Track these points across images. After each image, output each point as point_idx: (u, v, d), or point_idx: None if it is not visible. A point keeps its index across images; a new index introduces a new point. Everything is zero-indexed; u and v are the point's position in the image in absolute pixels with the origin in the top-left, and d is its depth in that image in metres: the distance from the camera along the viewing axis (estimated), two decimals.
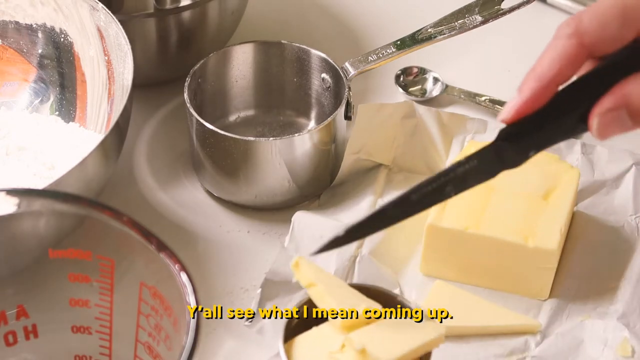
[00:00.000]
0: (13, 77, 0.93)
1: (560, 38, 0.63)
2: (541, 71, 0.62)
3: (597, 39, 0.62)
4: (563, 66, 0.62)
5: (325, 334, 0.70)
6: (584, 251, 0.84)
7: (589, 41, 0.62)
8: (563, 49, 0.62)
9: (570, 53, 0.62)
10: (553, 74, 0.62)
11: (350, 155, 0.89)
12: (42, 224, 0.67)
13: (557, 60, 0.62)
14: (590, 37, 0.62)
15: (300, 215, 0.85)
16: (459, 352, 0.78)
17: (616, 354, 0.77)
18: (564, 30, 0.63)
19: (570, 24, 0.63)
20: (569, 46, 0.62)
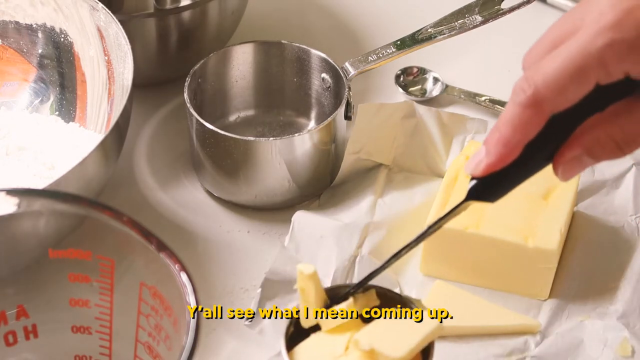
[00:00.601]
0: (13, 77, 0.93)
1: (519, 105, 0.63)
2: (506, 136, 0.64)
3: (556, 103, 0.63)
4: (526, 131, 0.64)
5: (327, 338, 0.70)
6: (584, 251, 0.84)
7: (548, 107, 0.63)
8: (524, 117, 0.64)
9: (531, 120, 0.64)
10: (518, 139, 0.64)
11: (350, 155, 0.89)
12: (42, 224, 0.67)
13: (519, 127, 0.64)
14: (549, 104, 0.63)
15: (300, 215, 0.85)
16: (459, 352, 0.78)
17: (616, 354, 0.77)
18: (521, 98, 0.63)
19: (526, 90, 0.63)
20: (529, 115, 0.63)
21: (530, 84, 0.63)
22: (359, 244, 0.84)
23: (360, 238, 0.84)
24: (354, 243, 0.84)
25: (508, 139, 0.64)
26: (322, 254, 0.83)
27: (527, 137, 0.64)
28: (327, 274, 0.82)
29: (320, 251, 0.83)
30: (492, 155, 0.65)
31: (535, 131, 0.64)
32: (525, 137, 0.64)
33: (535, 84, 0.63)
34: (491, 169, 0.66)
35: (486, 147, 0.66)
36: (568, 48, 0.62)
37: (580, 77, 0.62)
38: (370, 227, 0.85)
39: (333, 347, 0.69)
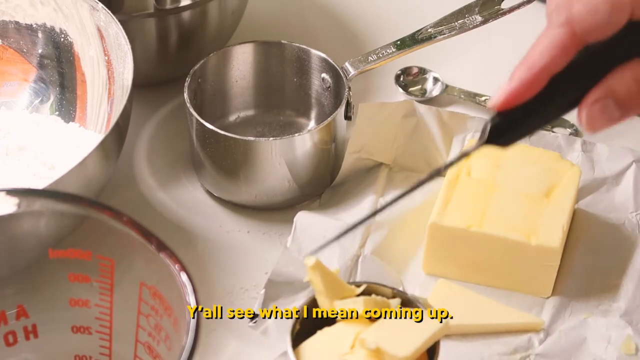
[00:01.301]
0: (13, 77, 0.93)
1: (551, 27, 0.62)
2: (532, 60, 0.62)
3: (588, 26, 0.62)
4: (554, 55, 0.62)
5: (333, 336, 0.70)
6: (585, 249, 0.84)
7: (580, 29, 0.62)
8: (554, 38, 0.62)
9: (561, 42, 0.62)
10: (544, 63, 0.62)
11: (351, 155, 0.89)
12: (42, 224, 0.67)
13: (548, 49, 0.62)
14: (581, 25, 0.61)
15: (302, 216, 0.85)
16: (462, 350, 0.78)
17: (620, 351, 0.77)
18: (555, 20, 0.62)
19: (560, 12, 0.62)
20: (560, 35, 0.62)
21: (565, 5, 0.62)
22: (361, 243, 0.84)
23: (363, 238, 0.84)
24: (356, 243, 0.84)
25: (535, 62, 0.62)
26: (325, 254, 0.83)
27: (555, 63, 0.62)
28: None
29: (322, 251, 0.83)
30: (516, 81, 0.63)
31: (564, 57, 0.62)
32: (553, 61, 0.62)
33: (571, 6, 0.61)
34: (513, 98, 0.63)
35: (511, 76, 0.63)
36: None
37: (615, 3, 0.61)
38: (372, 227, 0.85)
39: (339, 344, 0.69)
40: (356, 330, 0.69)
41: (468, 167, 0.85)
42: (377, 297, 0.71)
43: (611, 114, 0.63)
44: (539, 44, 0.63)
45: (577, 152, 0.89)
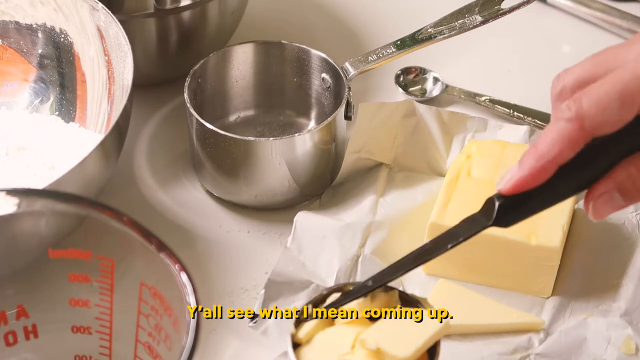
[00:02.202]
0: (13, 77, 0.93)
1: (560, 120, 0.65)
2: (542, 151, 0.65)
3: (598, 123, 0.64)
4: (564, 148, 0.65)
5: (334, 336, 0.70)
6: (585, 249, 0.84)
7: (590, 125, 0.64)
8: (564, 132, 0.65)
9: (570, 136, 0.65)
10: (554, 155, 0.65)
11: (351, 154, 0.89)
12: (42, 224, 0.67)
13: (558, 142, 0.65)
14: (591, 122, 0.64)
15: (302, 216, 0.85)
16: (462, 350, 0.78)
17: (620, 351, 0.77)
18: (565, 112, 0.65)
19: (571, 107, 0.65)
20: (569, 129, 0.65)
21: (576, 101, 0.64)
22: (361, 243, 0.84)
23: (363, 238, 0.84)
24: (356, 243, 0.84)
25: (544, 153, 0.65)
26: (325, 254, 0.83)
27: (563, 155, 0.65)
28: (330, 274, 0.82)
29: (322, 251, 0.83)
30: (525, 169, 0.66)
31: (572, 150, 0.65)
32: (561, 154, 0.65)
33: (581, 101, 0.64)
34: (521, 185, 0.66)
35: (520, 163, 0.66)
36: (616, 74, 0.64)
37: (625, 99, 0.64)
38: (372, 227, 0.85)
39: (339, 344, 0.69)
40: (356, 331, 0.69)
41: (468, 167, 0.85)
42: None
43: (616, 204, 0.67)
44: (549, 135, 0.65)
45: None
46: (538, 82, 0.98)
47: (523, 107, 0.96)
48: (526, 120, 0.95)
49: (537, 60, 1.03)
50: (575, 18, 1.07)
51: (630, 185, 0.66)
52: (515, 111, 0.96)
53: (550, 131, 0.65)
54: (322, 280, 0.81)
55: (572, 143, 0.65)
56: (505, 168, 0.83)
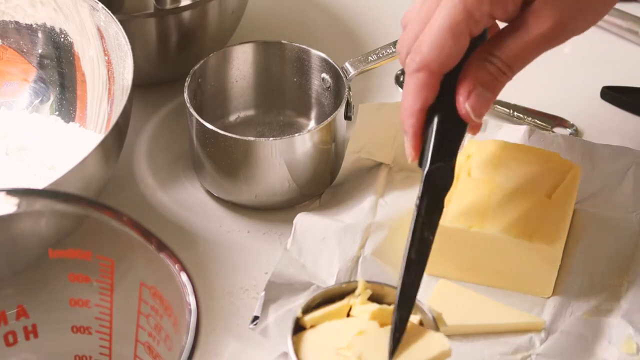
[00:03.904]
0: (13, 77, 0.93)
1: (411, 74, 0.72)
2: (410, 107, 0.73)
3: (442, 61, 0.71)
4: (424, 96, 0.72)
5: (333, 331, 0.70)
6: (586, 248, 0.84)
7: (436, 67, 0.71)
8: (418, 82, 0.72)
9: (424, 84, 0.72)
10: (420, 105, 0.72)
11: (351, 155, 0.89)
12: (42, 224, 0.67)
13: (417, 93, 0.72)
14: (436, 64, 0.71)
15: (302, 217, 0.85)
16: (463, 350, 0.78)
17: (621, 351, 0.77)
18: (412, 66, 0.72)
19: (414, 58, 0.72)
20: (422, 78, 0.72)
21: (417, 52, 0.71)
22: (361, 244, 0.84)
23: (363, 238, 0.84)
24: (356, 244, 0.84)
25: (411, 107, 0.72)
26: (325, 255, 0.83)
27: (428, 100, 0.72)
28: (330, 275, 0.82)
29: (322, 253, 0.83)
30: (409, 130, 0.73)
31: (433, 92, 0.72)
32: (426, 100, 0.72)
33: (421, 49, 0.71)
34: (417, 143, 0.73)
35: (403, 128, 0.73)
36: (438, 16, 0.71)
37: (456, 33, 0.70)
38: (372, 227, 0.85)
39: (338, 339, 0.69)
40: (360, 328, 0.69)
41: (468, 167, 0.84)
42: (386, 307, 0.71)
43: (486, 98, 0.73)
44: (408, 89, 0.72)
45: (577, 151, 0.89)
46: (538, 82, 0.98)
47: (523, 107, 0.96)
48: (526, 120, 0.95)
49: (536, 60, 1.02)
50: None
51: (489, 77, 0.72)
52: (515, 111, 0.96)
53: (408, 85, 0.72)
54: (322, 281, 0.81)
55: (429, 87, 0.72)
56: (506, 168, 0.83)
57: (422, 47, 0.71)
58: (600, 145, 0.90)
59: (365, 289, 0.72)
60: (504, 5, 0.71)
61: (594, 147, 0.90)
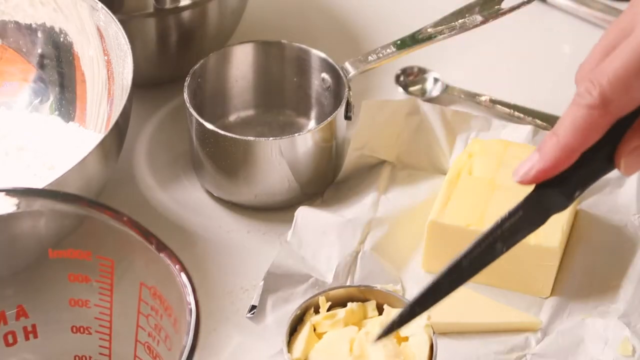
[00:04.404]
0: (13, 77, 0.93)
1: (582, 107, 0.61)
2: (566, 141, 0.61)
3: (624, 104, 0.61)
4: (589, 136, 0.61)
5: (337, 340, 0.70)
6: (586, 250, 0.84)
7: (615, 108, 0.61)
8: (588, 120, 0.61)
9: (596, 123, 0.61)
10: (579, 143, 0.61)
11: (354, 152, 0.89)
12: (42, 224, 0.67)
13: (581, 129, 0.61)
14: (616, 106, 0.61)
15: (303, 211, 0.85)
16: (459, 348, 0.78)
17: (617, 353, 0.77)
18: (586, 99, 0.61)
19: (591, 91, 0.61)
20: (595, 117, 0.61)
21: (596, 85, 0.60)
22: (361, 239, 0.84)
23: (363, 234, 0.84)
24: (356, 239, 0.84)
25: (567, 142, 0.61)
26: (325, 249, 0.83)
27: (589, 142, 0.61)
28: (329, 269, 0.82)
29: (322, 246, 0.83)
30: (547, 160, 0.62)
31: (599, 135, 0.61)
32: (587, 141, 0.61)
33: (601, 84, 0.60)
34: (544, 176, 0.62)
35: (540, 152, 0.62)
36: (628, 46, 0.60)
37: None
38: (373, 223, 0.85)
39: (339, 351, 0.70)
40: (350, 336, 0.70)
41: (469, 166, 0.85)
42: (355, 306, 0.71)
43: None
44: (571, 121, 0.61)
45: None
46: (538, 82, 0.98)
47: (523, 107, 0.96)
48: (526, 120, 0.95)
49: (537, 60, 1.03)
50: (575, 18, 1.07)
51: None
52: (516, 111, 0.96)
53: (572, 118, 0.61)
54: (321, 274, 0.81)
55: (599, 128, 0.61)
56: (508, 167, 0.83)
57: (602, 80, 0.60)
58: None
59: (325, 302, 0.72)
60: None
61: None
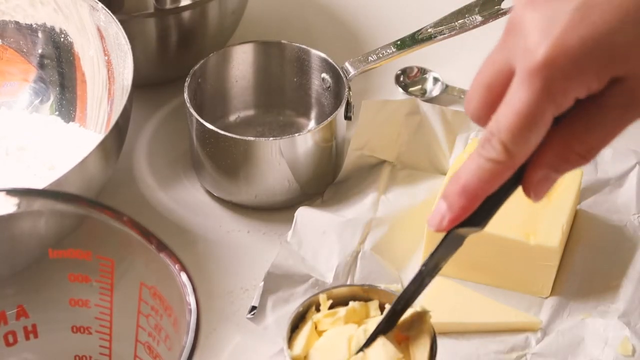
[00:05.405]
0: (13, 77, 0.93)
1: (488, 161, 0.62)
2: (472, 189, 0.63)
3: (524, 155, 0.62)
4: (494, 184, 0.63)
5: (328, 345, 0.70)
6: (586, 249, 0.84)
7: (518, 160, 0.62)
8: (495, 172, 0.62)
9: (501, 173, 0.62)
10: (484, 191, 0.63)
11: (354, 151, 0.89)
12: (42, 224, 0.67)
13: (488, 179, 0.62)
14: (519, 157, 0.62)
15: (303, 211, 0.85)
16: (459, 348, 0.78)
17: (616, 352, 0.77)
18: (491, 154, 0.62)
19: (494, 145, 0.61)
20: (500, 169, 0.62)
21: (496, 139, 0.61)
22: (361, 239, 0.84)
23: (363, 234, 0.84)
24: (356, 239, 0.84)
25: (474, 192, 0.63)
26: (325, 249, 0.83)
27: (494, 188, 0.63)
28: (329, 269, 0.82)
29: (322, 246, 0.83)
30: (455, 209, 0.64)
31: (502, 182, 0.63)
32: (492, 188, 0.63)
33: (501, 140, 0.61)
34: (455, 222, 0.64)
35: (447, 201, 0.64)
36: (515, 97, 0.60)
37: (538, 122, 0.60)
38: (373, 223, 0.85)
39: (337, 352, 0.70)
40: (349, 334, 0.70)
41: None
42: (357, 304, 0.71)
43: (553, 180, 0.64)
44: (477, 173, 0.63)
45: None
46: None
47: None
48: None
49: None
50: None
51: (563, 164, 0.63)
52: None
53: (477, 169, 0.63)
54: (321, 275, 0.81)
55: (504, 177, 0.63)
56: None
57: (503, 136, 0.61)
58: None
59: (327, 300, 0.72)
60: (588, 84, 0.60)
61: None
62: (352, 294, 0.73)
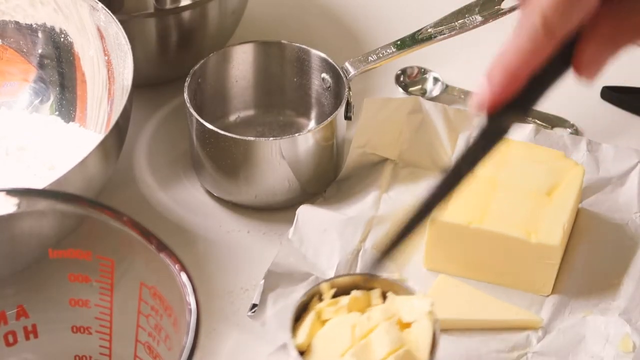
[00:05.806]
0: (13, 77, 0.93)
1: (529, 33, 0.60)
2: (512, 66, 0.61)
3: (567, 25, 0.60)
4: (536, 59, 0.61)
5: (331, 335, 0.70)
6: (587, 248, 0.84)
7: (560, 32, 0.60)
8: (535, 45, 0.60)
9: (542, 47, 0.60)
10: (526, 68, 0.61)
11: (355, 149, 0.89)
12: (42, 224, 0.67)
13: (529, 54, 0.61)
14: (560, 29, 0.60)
15: (304, 209, 0.85)
16: (460, 346, 0.78)
17: (617, 349, 0.77)
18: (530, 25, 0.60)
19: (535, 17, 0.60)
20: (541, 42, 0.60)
21: (538, 10, 0.60)
22: (362, 237, 0.84)
23: (364, 232, 0.85)
24: (357, 236, 0.84)
25: (515, 68, 0.61)
26: (326, 247, 0.83)
27: (536, 65, 0.61)
28: (330, 267, 0.82)
29: (323, 244, 0.83)
30: (497, 87, 0.61)
31: (543, 58, 0.61)
32: (534, 65, 0.61)
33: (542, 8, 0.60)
34: (498, 103, 0.62)
35: (489, 80, 0.62)
36: None
37: None
38: (374, 221, 0.85)
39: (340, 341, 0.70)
40: (352, 323, 0.70)
41: None
42: (359, 293, 0.71)
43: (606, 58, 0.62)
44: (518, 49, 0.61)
45: (583, 151, 0.90)
46: None
47: None
48: (527, 120, 0.95)
49: None
50: None
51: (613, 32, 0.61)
52: None
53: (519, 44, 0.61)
54: (322, 272, 0.82)
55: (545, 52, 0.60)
56: (509, 166, 0.83)
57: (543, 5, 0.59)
58: (605, 146, 0.90)
59: (330, 290, 0.72)
60: None
61: (599, 147, 0.90)
62: (354, 284, 0.73)
